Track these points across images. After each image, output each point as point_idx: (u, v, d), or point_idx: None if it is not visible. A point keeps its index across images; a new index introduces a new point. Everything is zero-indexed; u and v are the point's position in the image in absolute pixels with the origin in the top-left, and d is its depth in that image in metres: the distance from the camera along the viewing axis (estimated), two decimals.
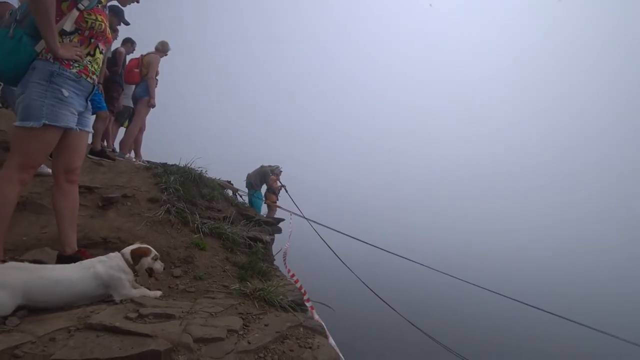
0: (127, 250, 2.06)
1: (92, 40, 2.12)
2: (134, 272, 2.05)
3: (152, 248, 2.15)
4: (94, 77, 2.16)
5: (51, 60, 1.92)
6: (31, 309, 1.67)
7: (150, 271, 2.12)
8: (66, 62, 1.95)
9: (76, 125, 2.09)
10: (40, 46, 1.91)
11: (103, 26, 2.12)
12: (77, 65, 2.01)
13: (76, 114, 2.06)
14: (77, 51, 1.98)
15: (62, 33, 1.97)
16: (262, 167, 8.79)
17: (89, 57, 2.10)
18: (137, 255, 2.05)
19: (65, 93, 1.95)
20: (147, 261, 2.08)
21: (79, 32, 2.04)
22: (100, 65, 2.23)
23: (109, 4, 2.31)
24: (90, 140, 4.65)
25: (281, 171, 9.29)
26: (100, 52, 2.21)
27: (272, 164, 9.26)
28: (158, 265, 2.15)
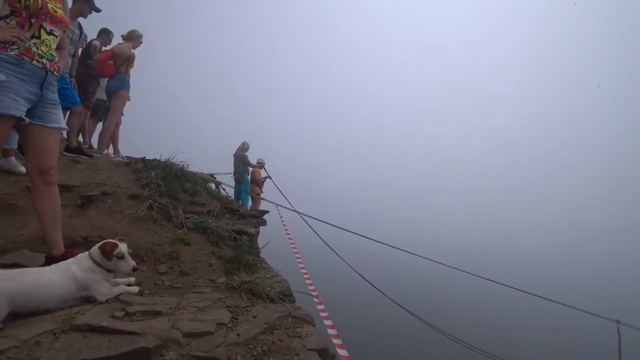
0: (95, 249, 1.96)
1: (33, 21, 2.00)
2: (107, 270, 1.96)
3: (118, 243, 2.00)
4: (44, 60, 2.04)
5: None
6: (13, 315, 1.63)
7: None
8: (1, 44, 1.86)
9: (25, 116, 1.97)
10: None
11: (39, 3, 1.99)
12: (15, 47, 1.91)
13: (20, 100, 1.94)
14: (12, 32, 1.88)
15: None
16: (238, 148, 8.93)
17: (34, 40, 2.00)
18: (109, 252, 1.94)
19: (2, 77, 1.85)
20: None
21: (16, 14, 1.95)
22: (51, 46, 2.10)
23: None
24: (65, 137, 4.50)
25: (264, 162, 9.30)
26: (49, 33, 2.08)
27: (259, 157, 9.35)
28: (127, 268, 2.01)
